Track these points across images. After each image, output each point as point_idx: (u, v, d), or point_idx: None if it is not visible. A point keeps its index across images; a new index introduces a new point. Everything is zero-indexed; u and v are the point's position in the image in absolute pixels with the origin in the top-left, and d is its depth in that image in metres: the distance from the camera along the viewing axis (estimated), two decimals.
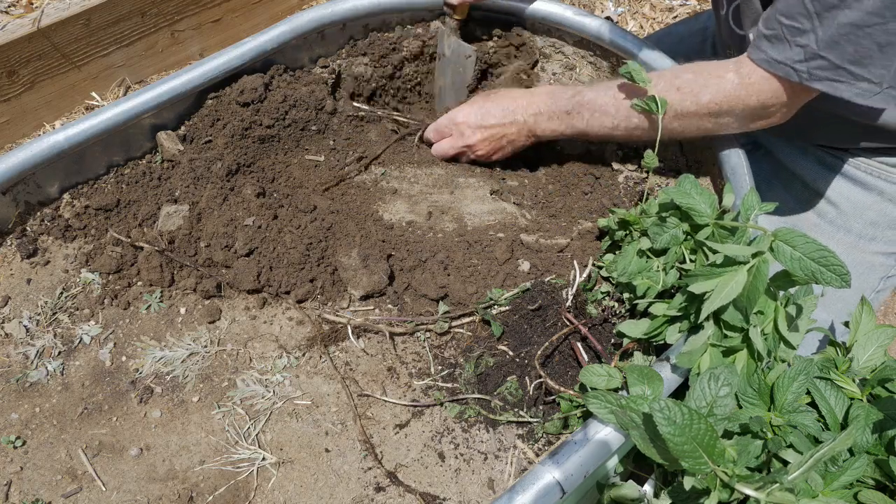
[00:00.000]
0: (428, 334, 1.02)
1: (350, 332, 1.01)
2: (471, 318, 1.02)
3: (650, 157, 1.06)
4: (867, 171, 1.22)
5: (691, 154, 1.23)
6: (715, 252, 0.87)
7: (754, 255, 0.80)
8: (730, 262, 0.82)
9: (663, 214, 0.95)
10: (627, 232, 1.02)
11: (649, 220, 0.97)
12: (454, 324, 1.02)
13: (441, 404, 0.95)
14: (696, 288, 0.82)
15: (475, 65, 1.30)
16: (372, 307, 1.05)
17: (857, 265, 1.26)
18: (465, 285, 1.04)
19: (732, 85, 1.02)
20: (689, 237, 0.94)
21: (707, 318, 0.84)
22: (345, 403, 0.96)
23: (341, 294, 1.07)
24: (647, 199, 1.07)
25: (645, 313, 0.95)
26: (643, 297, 0.94)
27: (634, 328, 0.93)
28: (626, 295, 0.99)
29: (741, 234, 0.87)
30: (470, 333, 1.01)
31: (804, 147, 1.28)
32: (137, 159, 1.16)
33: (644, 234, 0.99)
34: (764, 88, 1.00)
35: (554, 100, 1.17)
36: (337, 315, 1.02)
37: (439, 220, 1.17)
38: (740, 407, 0.87)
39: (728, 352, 0.86)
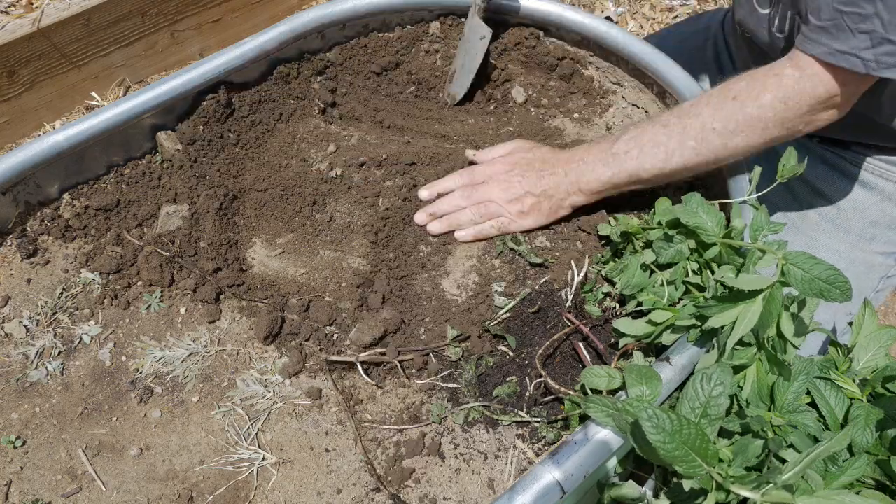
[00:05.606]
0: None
1: (360, 368, 0.96)
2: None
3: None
4: (868, 170, 1.22)
5: None
6: (725, 279, 0.88)
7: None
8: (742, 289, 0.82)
9: (669, 232, 0.94)
10: (629, 242, 1.02)
11: (653, 233, 0.97)
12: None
13: (441, 405, 0.95)
14: (714, 322, 0.82)
15: (487, 47, 1.22)
16: None
17: (857, 265, 1.26)
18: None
19: (793, 79, 0.96)
20: (694, 253, 0.94)
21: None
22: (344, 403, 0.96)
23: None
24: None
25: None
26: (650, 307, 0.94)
27: (631, 326, 0.93)
28: (630, 304, 0.99)
29: (751, 257, 0.87)
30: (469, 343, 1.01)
31: (807, 145, 1.27)
32: (137, 159, 1.16)
33: (647, 245, 0.98)
34: (826, 78, 0.94)
35: (595, 144, 1.07)
36: (341, 355, 0.98)
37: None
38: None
39: (738, 368, 0.87)
